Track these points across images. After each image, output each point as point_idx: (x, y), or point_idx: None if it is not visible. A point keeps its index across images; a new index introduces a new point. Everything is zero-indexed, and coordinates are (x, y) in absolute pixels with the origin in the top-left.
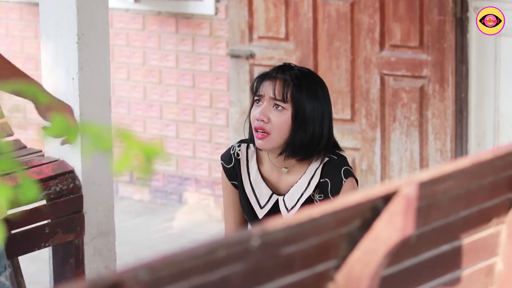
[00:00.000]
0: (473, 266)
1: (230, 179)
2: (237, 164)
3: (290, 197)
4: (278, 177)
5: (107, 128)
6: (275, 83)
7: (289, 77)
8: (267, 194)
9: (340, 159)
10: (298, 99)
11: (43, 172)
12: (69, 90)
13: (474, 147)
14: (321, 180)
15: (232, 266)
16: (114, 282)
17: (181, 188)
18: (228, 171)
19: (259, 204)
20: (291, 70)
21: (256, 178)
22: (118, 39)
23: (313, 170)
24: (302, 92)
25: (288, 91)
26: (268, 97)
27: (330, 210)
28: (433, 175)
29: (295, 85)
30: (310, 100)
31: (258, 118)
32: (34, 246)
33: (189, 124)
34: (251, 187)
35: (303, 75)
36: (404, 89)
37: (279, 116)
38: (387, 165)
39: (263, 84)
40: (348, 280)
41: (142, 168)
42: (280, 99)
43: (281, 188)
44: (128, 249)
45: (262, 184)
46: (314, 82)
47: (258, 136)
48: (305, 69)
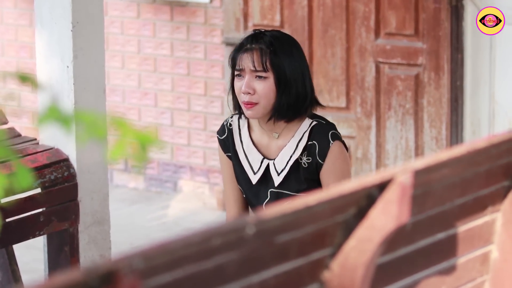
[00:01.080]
0: (468, 254)
1: (225, 151)
2: (229, 134)
3: (280, 160)
4: (269, 142)
5: (101, 116)
6: (252, 55)
7: (264, 46)
8: (258, 159)
9: (328, 123)
10: (277, 64)
11: (37, 160)
12: (63, 78)
13: (470, 135)
14: (308, 143)
15: (227, 254)
16: (108, 270)
17: (176, 176)
18: (222, 143)
19: (252, 170)
20: (264, 37)
21: (248, 145)
22: (113, 27)
23: (302, 133)
24: (279, 57)
25: (266, 59)
26: (248, 70)
27: (325, 198)
28: (428, 163)
29: (272, 51)
30: (288, 62)
31: (244, 92)
32: (29, 235)
33: (184, 112)
34: (244, 153)
35: (276, 39)
36: (400, 77)
37: (263, 85)
38: (382, 153)
39: (240, 58)
40: (343, 268)
41: (137, 156)
42: (261, 69)
43: (272, 153)
44: (123, 237)
45: (254, 150)
46: (288, 43)
47: (247, 107)
48: (276, 33)
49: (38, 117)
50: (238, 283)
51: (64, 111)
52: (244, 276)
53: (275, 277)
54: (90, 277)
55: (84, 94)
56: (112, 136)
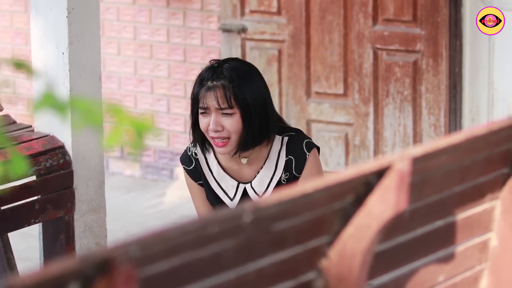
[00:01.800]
0: (467, 242)
1: (196, 180)
2: (197, 163)
3: (259, 183)
4: (239, 167)
5: (97, 103)
6: (216, 93)
7: (226, 81)
8: (233, 185)
9: (298, 134)
10: (241, 99)
11: (33, 148)
12: (59, 65)
13: (468, 122)
14: (286, 159)
15: (224, 242)
16: (104, 258)
17: (172, 164)
18: (191, 173)
19: (228, 197)
20: (224, 71)
21: (218, 173)
22: (109, 13)
23: (277, 152)
24: (242, 90)
25: (230, 96)
26: (213, 108)
27: (323, 186)
28: (426, 150)
29: (234, 86)
30: (250, 93)
31: (213, 130)
32: (24, 223)
33: (180, 99)
34: (216, 182)
35: (235, 71)
36: (398, 63)
37: (231, 120)
38: (380, 140)
39: (204, 96)
40: (341, 256)
41: (133, 143)
42: (226, 107)
43: (246, 176)
44: (118, 225)
45: (226, 177)
46: (247, 73)
47: (219, 145)
48: (234, 63)
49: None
50: (235, 271)
51: (60, 98)
52: (241, 264)
53: (272, 265)
54: (85, 265)
55: (79, 81)
56: (108, 123)
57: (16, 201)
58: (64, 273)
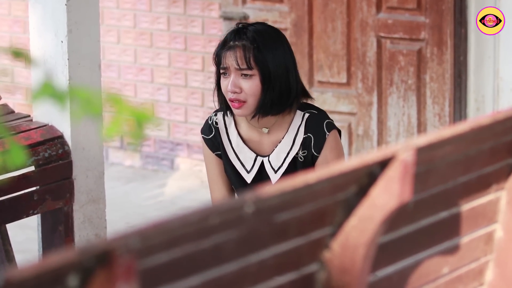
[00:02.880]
0: (472, 233)
1: (214, 150)
2: (217, 133)
3: (276, 157)
4: (260, 138)
5: (97, 92)
6: (235, 53)
7: (247, 42)
8: (251, 158)
9: (321, 113)
10: (261, 61)
11: (31, 138)
12: (57, 54)
13: (473, 111)
14: (304, 136)
15: (225, 234)
16: (104, 250)
17: (173, 154)
18: (210, 142)
19: (245, 169)
20: (247, 33)
21: (238, 143)
22: (108, 1)
23: (296, 127)
24: (263, 53)
25: (250, 57)
26: (233, 69)
27: (325, 176)
28: (431, 140)
29: (255, 48)
30: (272, 58)
31: (230, 91)
32: (22, 214)
33: (181, 88)
34: (234, 153)
35: (259, 34)
36: (402, 52)
37: (249, 83)
38: (384, 130)
39: (224, 56)
40: (344, 247)
41: (133, 133)
42: (245, 68)
43: (265, 149)
44: (118, 216)
45: (245, 148)
46: (272, 37)
47: (235, 106)
48: (260, 26)
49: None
50: (237, 262)
51: (58, 87)
52: (243, 255)
53: (274, 257)
54: (85, 257)
55: (78, 70)
56: (108, 113)
57: (15, 192)
58: (63, 265)
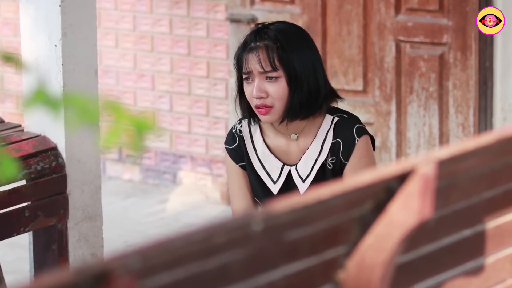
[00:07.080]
0: (497, 253)
1: (238, 161)
2: (241, 141)
3: (303, 165)
4: (288, 145)
5: (93, 100)
6: (258, 54)
7: (270, 42)
8: (277, 167)
9: (352, 117)
10: (286, 61)
11: (22, 149)
12: (51, 58)
13: (500, 121)
14: (333, 142)
15: (232, 253)
16: (101, 271)
17: (175, 167)
18: (233, 152)
19: (271, 179)
20: (269, 32)
21: (263, 151)
22: (106, 2)
23: (324, 132)
24: (288, 52)
25: (274, 57)
26: (257, 72)
27: (340, 191)
28: (453, 153)
29: (279, 47)
30: (297, 57)
31: (256, 96)
32: (13, 231)
33: (184, 96)
34: (259, 162)
35: (282, 33)
36: (422, 57)
37: (276, 86)
38: (403, 141)
39: (246, 59)
40: (359, 268)
41: (133, 144)
42: (270, 69)
43: (292, 157)
44: (116, 234)
45: (271, 157)
46: (295, 35)
47: (262, 112)
48: (281, 25)
49: (23, 101)
50: (244, 284)
51: (52, 94)
52: (251, 276)
53: (285, 278)
54: (81, 278)
55: (73, 76)
56: (105, 122)
57: (4, 208)
58: (56, 287)
